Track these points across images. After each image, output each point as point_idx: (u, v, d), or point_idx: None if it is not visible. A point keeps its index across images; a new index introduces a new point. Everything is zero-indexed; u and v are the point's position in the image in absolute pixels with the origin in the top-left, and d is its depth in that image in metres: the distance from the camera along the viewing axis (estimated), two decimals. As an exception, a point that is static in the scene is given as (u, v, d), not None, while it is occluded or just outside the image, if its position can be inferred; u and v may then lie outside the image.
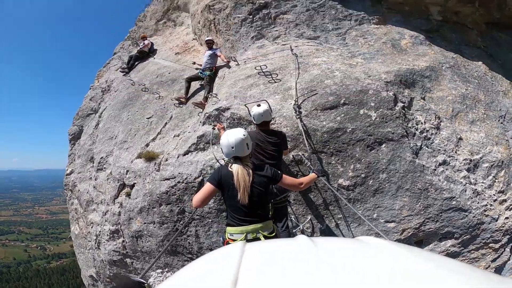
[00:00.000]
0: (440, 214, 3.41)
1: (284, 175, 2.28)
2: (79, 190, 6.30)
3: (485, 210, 3.45)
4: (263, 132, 3.07)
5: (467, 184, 3.55)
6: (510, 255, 3.51)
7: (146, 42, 8.45)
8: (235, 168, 2.10)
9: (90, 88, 9.29)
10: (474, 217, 3.41)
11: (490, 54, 5.43)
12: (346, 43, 5.04)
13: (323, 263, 0.48)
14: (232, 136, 2.12)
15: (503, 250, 3.48)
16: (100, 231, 5.09)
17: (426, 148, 3.64)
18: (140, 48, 8.38)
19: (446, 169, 3.59)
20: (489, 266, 3.47)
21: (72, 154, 7.54)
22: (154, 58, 7.68)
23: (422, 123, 3.83)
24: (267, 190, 2.23)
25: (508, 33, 5.92)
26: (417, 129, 3.72)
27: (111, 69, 9.34)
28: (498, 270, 3.49)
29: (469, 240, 3.46)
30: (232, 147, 2.10)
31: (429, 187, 3.44)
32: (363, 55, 4.65)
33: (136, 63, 8.10)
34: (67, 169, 7.26)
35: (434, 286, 0.41)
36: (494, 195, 3.57)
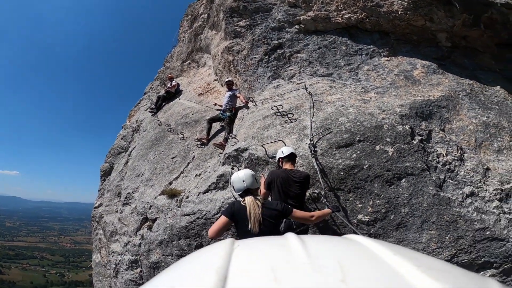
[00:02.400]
0: (474, 245, 3.28)
1: (294, 209, 2.48)
2: (105, 222, 6.71)
3: (525, 237, 3.27)
4: (288, 171, 3.13)
5: (501, 214, 3.42)
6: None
7: (173, 83, 9.12)
8: (247, 200, 2.36)
9: (122, 128, 10.10)
10: (512, 245, 3.24)
11: (507, 77, 5.20)
12: (359, 78, 5.14)
13: (312, 261, 0.49)
14: (242, 172, 2.54)
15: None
16: (120, 260, 5.39)
17: (451, 181, 3.56)
18: (167, 88, 9.08)
19: (475, 200, 3.48)
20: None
21: (102, 189, 8.10)
22: (180, 99, 8.29)
23: (443, 156, 3.77)
24: (278, 222, 2.45)
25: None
26: (438, 162, 3.68)
27: (141, 109, 10.16)
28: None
29: (511, 269, 3.28)
30: (243, 181, 2.45)
31: (458, 219, 3.34)
32: (376, 89, 4.72)
33: (163, 103, 8.77)
34: (96, 202, 7.74)
35: (413, 282, 0.43)
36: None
